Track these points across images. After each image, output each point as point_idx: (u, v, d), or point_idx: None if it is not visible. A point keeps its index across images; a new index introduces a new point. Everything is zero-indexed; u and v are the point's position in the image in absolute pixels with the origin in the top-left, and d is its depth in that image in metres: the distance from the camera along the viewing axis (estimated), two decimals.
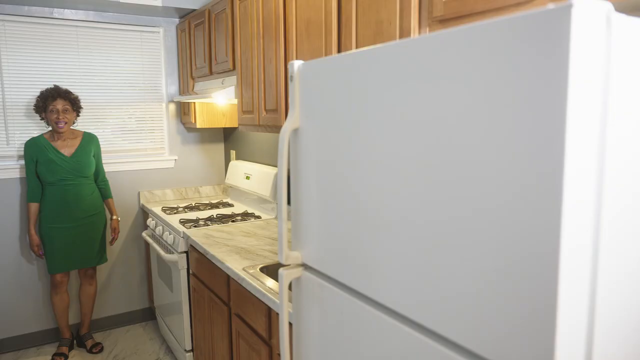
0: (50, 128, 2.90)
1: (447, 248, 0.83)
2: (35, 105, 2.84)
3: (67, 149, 2.90)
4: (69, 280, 3.03)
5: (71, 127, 2.93)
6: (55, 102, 2.78)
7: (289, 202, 2.59)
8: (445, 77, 0.80)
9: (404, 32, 1.43)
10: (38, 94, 3.04)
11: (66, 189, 2.86)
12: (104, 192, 3.10)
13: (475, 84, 0.75)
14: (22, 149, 3.06)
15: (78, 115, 2.95)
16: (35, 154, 2.83)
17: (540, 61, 0.65)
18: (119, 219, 3.35)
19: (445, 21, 1.33)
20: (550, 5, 0.63)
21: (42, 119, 2.87)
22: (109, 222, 3.27)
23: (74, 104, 2.88)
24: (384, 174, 0.96)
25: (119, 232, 3.16)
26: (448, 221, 0.82)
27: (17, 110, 3.03)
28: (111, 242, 3.13)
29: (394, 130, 0.93)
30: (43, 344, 3.22)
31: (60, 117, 2.79)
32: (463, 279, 0.80)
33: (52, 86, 2.85)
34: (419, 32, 1.41)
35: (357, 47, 1.65)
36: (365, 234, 1.03)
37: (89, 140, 3.00)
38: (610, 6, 0.65)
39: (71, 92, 2.86)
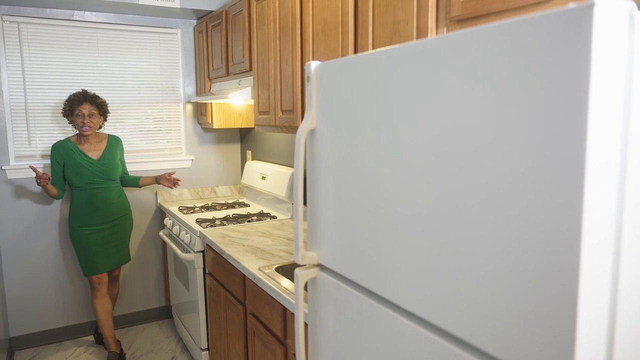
0: (77, 131, 2.91)
1: (465, 249, 0.82)
2: (63, 110, 2.84)
3: (94, 152, 2.89)
4: (107, 282, 3.01)
5: (99, 131, 2.95)
6: (81, 107, 2.78)
7: (305, 203, 2.60)
8: (464, 77, 0.80)
9: (421, 33, 1.42)
10: (59, 95, 3.11)
11: (94, 193, 2.85)
12: (133, 180, 3.09)
13: (494, 84, 0.74)
14: (43, 149, 3.12)
15: (105, 120, 2.94)
16: (62, 157, 2.83)
17: (562, 61, 0.64)
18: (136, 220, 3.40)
19: (462, 21, 1.32)
20: (572, 5, 0.62)
21: (70, 122, 2.86)
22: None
23: (101, 109, 2.86)
24: (401, 174, 0.96)
25: (170, 175, 3.06)
26: (467, 222, 0.81)
27: (38, 110, 3.09)
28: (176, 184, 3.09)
29: (411, 131, 0.92)
30: (62, 340, 3.28)
31: (86, 122, 2.78)
32: (482, 281, 0.79)
33: (80, 90, 2.85)
34: (436, 33, 1.40)
35: (373, 47, 1.64)
36: (381, 234, 1.03)
37: (115, 143, 2.99)
38: (633, 5, 0.64)
39: (98, 97, 2.86)
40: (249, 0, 2.58)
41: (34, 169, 2.68)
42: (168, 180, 3.05)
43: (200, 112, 3.49)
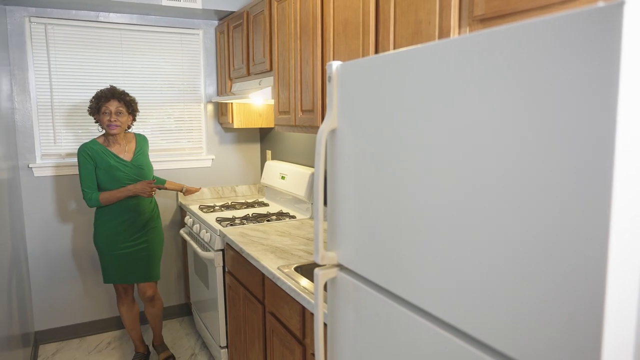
0: (102, 132, 2.73)
1: (490, 252, 0.81)
2: (90, 107, 2.66)
3: (125, 153, 2.71)
4: (133, 288, 2.88)
5: (126, 131, 2.76)
6: (108, 104, 2.59)
7: (325, 203, 2.60)
8: (488, 77, 0.79)
9: (444, 32, 1.41)
10: (84, 95, 3.13)
11: (127, 197, 2.67)
12: (159, 182, 3.01)
13: (520, 84, 0.73)
14: (68, 148, 3.18)
15: (134, 120, 2.77)
16: (93, 159, 2.61)
17: (590, 60, 0.63)
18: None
19: (486, 20, 1.30)
20: (601, 3, 0.61)
21: (96, 121, 2.68)
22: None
23: (130, 107, 2.68)
24: (423, 175, 0.95)
25: (196, 191, 3.22)
26: (491, 224, 0.80)
27: (63, 110, 3.16)
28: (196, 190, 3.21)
29: (434, 132, 0.92)
30: (85, 335, 3.35)
31: (113, 120, 2.59)
32: (507, 285, 0.78)
33: (108, 86, 2.68)
34: (459, 32, 1.39)
35: (394, 47, 1.64)
36: (403, 235, 1.02)
37: (143, 143, 2.82)
38: None
39: (128, 94, 2.68)
40: (270, 1, 2.59)
41: (154, 186, 2.69)
42: (192, 194, 3.21)
43: (221, 111, 3.52)
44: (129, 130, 2.85)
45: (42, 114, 3.11)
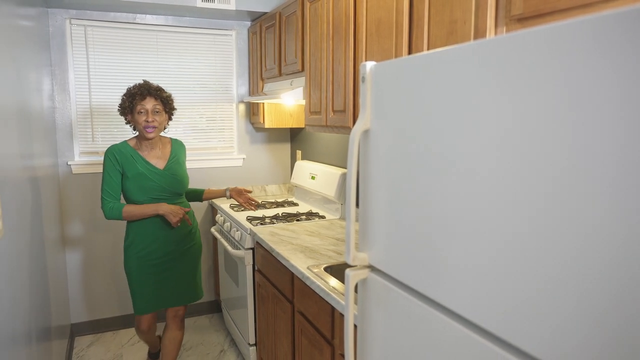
0: (135, 134, 2.40)
1: (528, 256, 0.79)
2: (121, 106, 2.32)
3: (158, 160, 2.37)
4: (156, 323, 2.59)
5: (161, 134, 2.41)
6: (144, 102, 2.26)
7: (356, 204, 2.59)
8: (527, 79, 0.77)
9: (479, 32, 1.39)
10: (120, 94, 2.98)
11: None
12: (196, 193, 2.67)
13: (563, 85, 0.71)
14: (105, 146, 3.26)
15: (170, 119, 2.42)
16: (121, 164, 2.28)
17: (638, 62, 0.61)
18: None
19: (524, 20, 1.28)
20: None
21: (127, 122, 2.36)
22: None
23: (167, 104, 2.34)
24: (458, 177, 0.94)
25: (245, 192, 2.66)
26: (531, 228, 0.79)
27: (101, 109, 3.25)
28: (254, 207, 2.67)
29: (469, 134, 0.90)
30: (119, 328, 3.43)
31: (150, 120, 2.26)
32: (546, 289, 0.76)
33: (142, 82, 2.35)
34: (495, 32, 1.36)
35: (428, 47, 1.62)
36: (436, 237, 1.01)
37: (179, 149, 2.49)
38: None
39: (163, 90, 2.35)
40: (302, 1, 2.60)
41: (186, 218, 2.36)
42: (240, 195, 2.64)
43: (252, 111, 3.55)
44: (165, 134, 2.62)
45: (81, 113, 3.21)
